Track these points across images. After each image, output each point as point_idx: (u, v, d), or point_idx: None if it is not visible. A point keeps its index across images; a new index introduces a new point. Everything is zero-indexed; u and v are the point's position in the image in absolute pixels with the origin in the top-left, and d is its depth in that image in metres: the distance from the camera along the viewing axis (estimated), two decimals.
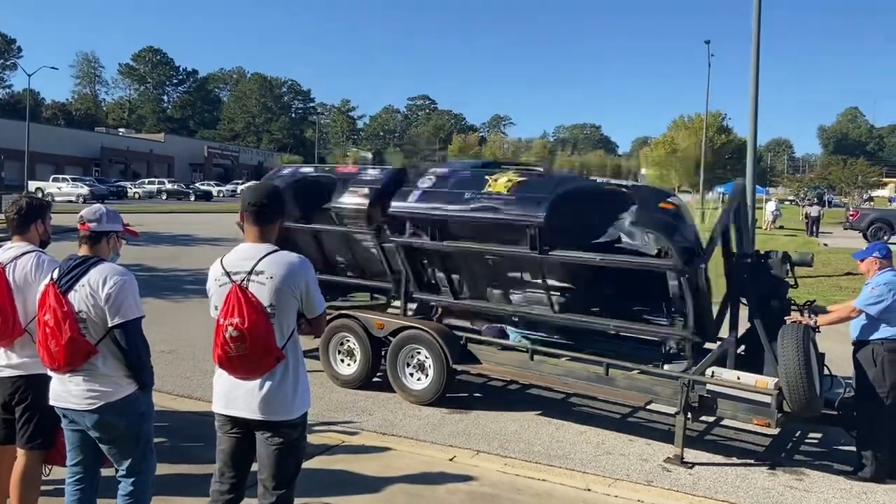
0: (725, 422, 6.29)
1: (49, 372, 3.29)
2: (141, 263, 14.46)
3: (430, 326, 6.72)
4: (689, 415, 5.51)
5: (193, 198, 51.18)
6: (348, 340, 7.17)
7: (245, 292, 2.99)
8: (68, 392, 3.25)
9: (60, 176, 48.32)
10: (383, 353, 7.08)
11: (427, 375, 6.68)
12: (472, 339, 6.72)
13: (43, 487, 3.81)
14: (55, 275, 3.27)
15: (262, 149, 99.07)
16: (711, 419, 6.34)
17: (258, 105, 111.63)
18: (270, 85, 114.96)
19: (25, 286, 3.60)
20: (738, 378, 5.46)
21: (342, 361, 7.25)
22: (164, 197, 50.78)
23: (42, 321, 3.20)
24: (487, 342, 6.72)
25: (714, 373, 5.56)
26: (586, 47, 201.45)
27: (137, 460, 3.34)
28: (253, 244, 3.14)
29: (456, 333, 6.77)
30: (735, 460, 5.76)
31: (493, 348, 6.64)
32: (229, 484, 3.20)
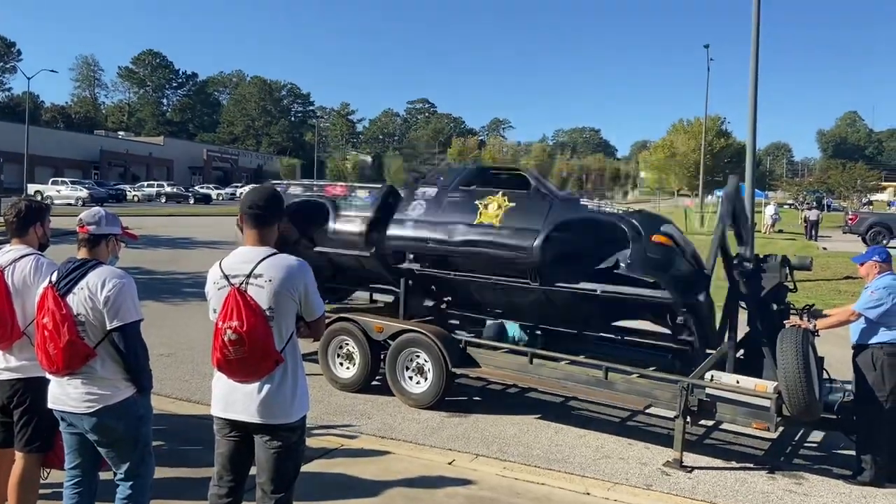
0: (725, 425, 6.29)
1: (47, 375, 3.29)
2: (140, 266, 14.46)
3: (429, 330, 6.71)
4: (689, 418, 5.50)
5: (192, 201, 51.11)
6: (347, 344, 7.16)
7: (244, 295, 2.99)
8: (67, 395, 3.24)
9: (59, 179, 48.34)
10: (382, 357, 7.07)
11: (426, 379, 6.68)
12: (472, 343, 6.73)
13: (41, 491, 3.80)
14: (54, 278, 3.27)
15: (262, 152, 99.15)
16: (711, 423, 6.33)
17: (258, 108, 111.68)
18: (270, 88, 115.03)
19: (24, 289, 3.60)
20: (738, 382, 5.46)
21: (341, 365, 7.24)
22: (164, 200, 50.73)
23: (41, 324, 3.20)
24: (486, 345, 6.72)
25: (713, 376, 5.56)
26: (586, 51, 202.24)
27: (136, 464, 3.34)
28: (252, 247, 3.13)
29: (455, 337, 6.77)
30: (734, 464, 5.75)
31: (493, 351, 6.64)
32: (228, 487, 3.19)
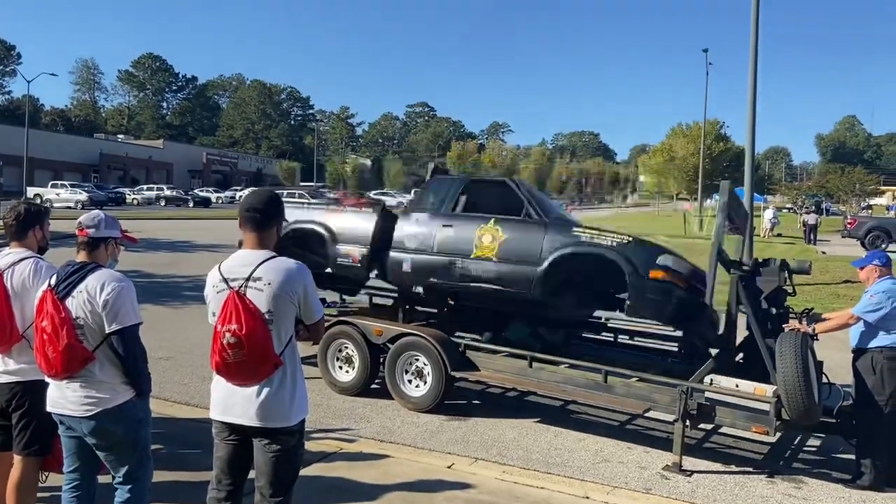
0: (724, 429, 6.28)
1: (46, 378, 3.29)
2: (139, 270, 14.44)
3: (429, 333, 6.70)
4: (688, 422, 5.50)
5: (192, 204, 51.19)
6: (347, 347, 7.15)
7: (243, 299, 2.98)
8: (65, 398, 3.24)
9: (59, 182, 48.34)
10: (382, 360, 7.07)
11: (425, 382, 6.67)
12: (471, 346, 6.72)
13: (39, 494, 3.80)
14: (53, 281, 3.27)
15: (261, 155, 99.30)
16: (710, 427, 6.33)
17: (257, 112, 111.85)
18: (270, 92, 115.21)
19: (23, 292, 3.60)
20: (737, 386, 5.45)
21: (340, 368, 7.23)
22: (163, 203, 50.75)
23: (39, 327, 3.20)
24: (486, 349, 6.72)
25: (712, 380, 5.55)
26: (585, 55, 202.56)
27: (134, 467, 3.33)
28: (251, 250, 3.13)
29: (454, 340, 6.77)
30: (734, 468, 5.75)
31: (492, 355, 6.63)
32: (226, 491, 3.19)
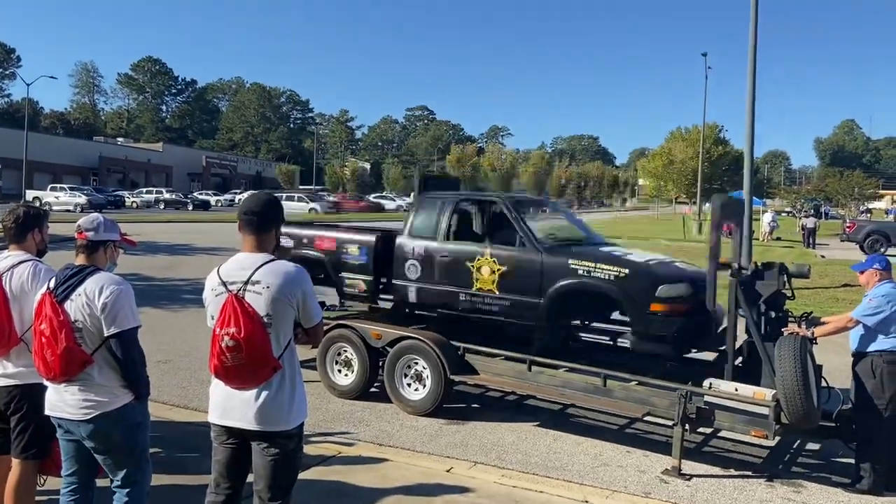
0: (723, 433, 6.28)
1: (45, 381, 3.28)
2: (138, 273, 14.42)
3: (428, 337, 6.70)
4: (687, 426, 5.50)
5: (191, 207, 51.15)
6: (345, 350, 7.15)
7: (241, 302, 2.98)
8: (64, 402, 3.23)
9: (58, 185, 48.41)
10: (381, 364, 7.06)
11: (424, 386, 6.66)
12: (470, 350, 6.71)
13: (38, 498, 3.79)
14: (52, 284, 3.27)
15: (261, 159, 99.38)
16: (709, 431, 6.33)
17: (257, 115, 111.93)
18: (269, 95, 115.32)
19: (22, 295, 3.60)
20: (736, 389, 5.45)
21: (339, 372, 7.23)
22: (162, 206, 50.73)
23: (38, 330, 3.20)
24: (485, 352, 6.71)
25: (711, 384, 5.55)
26: (585, 59, 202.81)
27: (133, 471, 3.33)
28: (250, 254, 3.13)
29: (453, 344, 6.76)
30: (733, 472, 5.74)
31: (491, 358, 6.62)
32: (225, 495, 3.18)
